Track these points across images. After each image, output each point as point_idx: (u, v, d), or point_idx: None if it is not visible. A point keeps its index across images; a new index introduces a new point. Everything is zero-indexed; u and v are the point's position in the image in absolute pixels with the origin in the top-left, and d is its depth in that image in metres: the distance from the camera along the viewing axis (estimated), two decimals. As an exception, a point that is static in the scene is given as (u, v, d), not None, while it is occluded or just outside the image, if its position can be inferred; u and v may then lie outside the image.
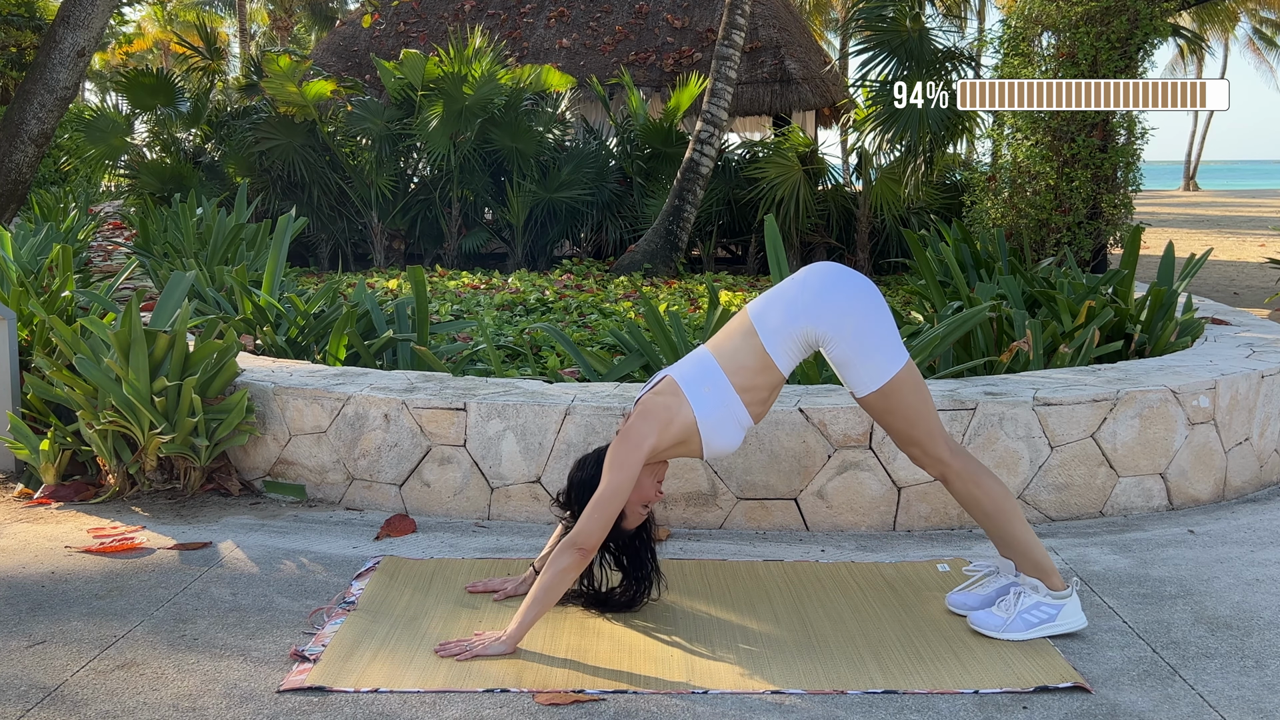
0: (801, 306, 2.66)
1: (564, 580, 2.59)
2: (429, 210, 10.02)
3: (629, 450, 2.60)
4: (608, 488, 2.58)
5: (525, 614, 2.59)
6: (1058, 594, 2.68)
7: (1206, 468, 3.82)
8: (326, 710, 2.30)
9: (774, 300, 2.72)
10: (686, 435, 2.66)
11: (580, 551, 2.57)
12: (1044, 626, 2.66)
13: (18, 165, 8.02)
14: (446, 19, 13.61)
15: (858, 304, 2.65)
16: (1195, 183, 48.03)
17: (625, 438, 2.62)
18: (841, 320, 2.63)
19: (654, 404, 2.66)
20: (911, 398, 2.65)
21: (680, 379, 2.69)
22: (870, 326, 2.64)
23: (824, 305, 2.65)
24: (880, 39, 8.45)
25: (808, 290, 2.68)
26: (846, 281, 2.69)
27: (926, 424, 2.67)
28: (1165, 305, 4.84)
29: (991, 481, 2.70)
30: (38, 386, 3.87)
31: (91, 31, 7.86)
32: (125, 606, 2.86)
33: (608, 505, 2.57)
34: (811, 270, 2.74)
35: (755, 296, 7.09)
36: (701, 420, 2.65)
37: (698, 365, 2.72)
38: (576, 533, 2.57)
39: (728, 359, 2.69)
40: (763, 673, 2.49)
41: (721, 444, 2.70)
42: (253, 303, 4.79)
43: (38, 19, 14.33)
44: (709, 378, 2.68)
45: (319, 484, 3.80)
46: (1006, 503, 2.70)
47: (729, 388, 2.66)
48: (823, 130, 14.01)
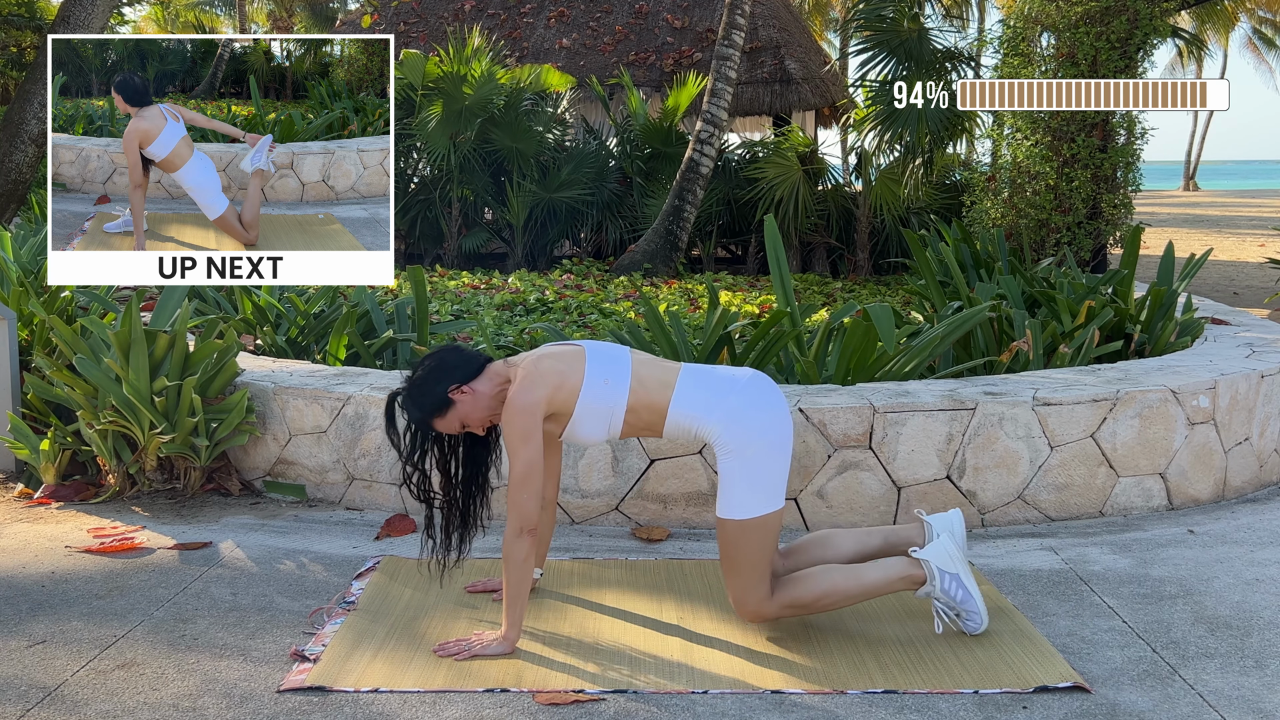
0: (726, 407, 2.62)
1: (527, 569, 2.58)
2: (429, 210, 10.02)
3: (527, 418, 2.56)
4: (522, 463, 2.55)
5: (510, 613, 2.59)
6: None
7: (1206, 468, 3.82)
8: (326, 710, 2.31)
9: (708, 378, 2.68)
10: (564, 407, 2.62)
11: (528, 534, 2.56)
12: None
13: (18, 165, 8.02)
14: (446, 19, 13.60)
15: (774, 434, 2.63)
16: (1195, 183, 48.01)
17: (521, 408, 2.56)
18: (750, 440, 2.60)
19: (545, 368, 2.61)
20: (760, 544, 2.61)
21: (590, 354, 2.66)
22: (772, 460, 2.62)
23: (746, 418, 2.61)
24: (880, 39, 8.46)
25: (740, 394, 2.64)
26: (778, 408, 2.66)
27: (761, 572, 2.64)
28: (1165, 305, 4.84)
29: (806, 586, 2.65)
30: (38, 386, 3.87)
31: (91, 32, 7.86)
32: (125, 606, 2.86)
33: (530, 480, 2.55)
34: (755, 378, 2.70)
35: (756, 298, 7.13)
36: (583, 401, 2.61)
37: (613, 358, 2.68)
38: (520, 518, 2.55)
39: (638, 376, 2.65)
40: (763, 673, 2.49)
41: (586, 432, 2.67)
42: (253, 303, 4.79)
43: (38, 19, 14.32)
44: (615, 373, 2.64)
45: (319, 484, 3.80)
46: (827, 583, 2.65)
47: (624, 394, 2.63)
48: (823, 130, 13.99)
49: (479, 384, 2.64)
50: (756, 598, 2.64)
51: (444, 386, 2.62)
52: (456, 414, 2.64)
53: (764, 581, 2.64)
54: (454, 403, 2.62)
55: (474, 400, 2.63)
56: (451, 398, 2.62)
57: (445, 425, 2.66)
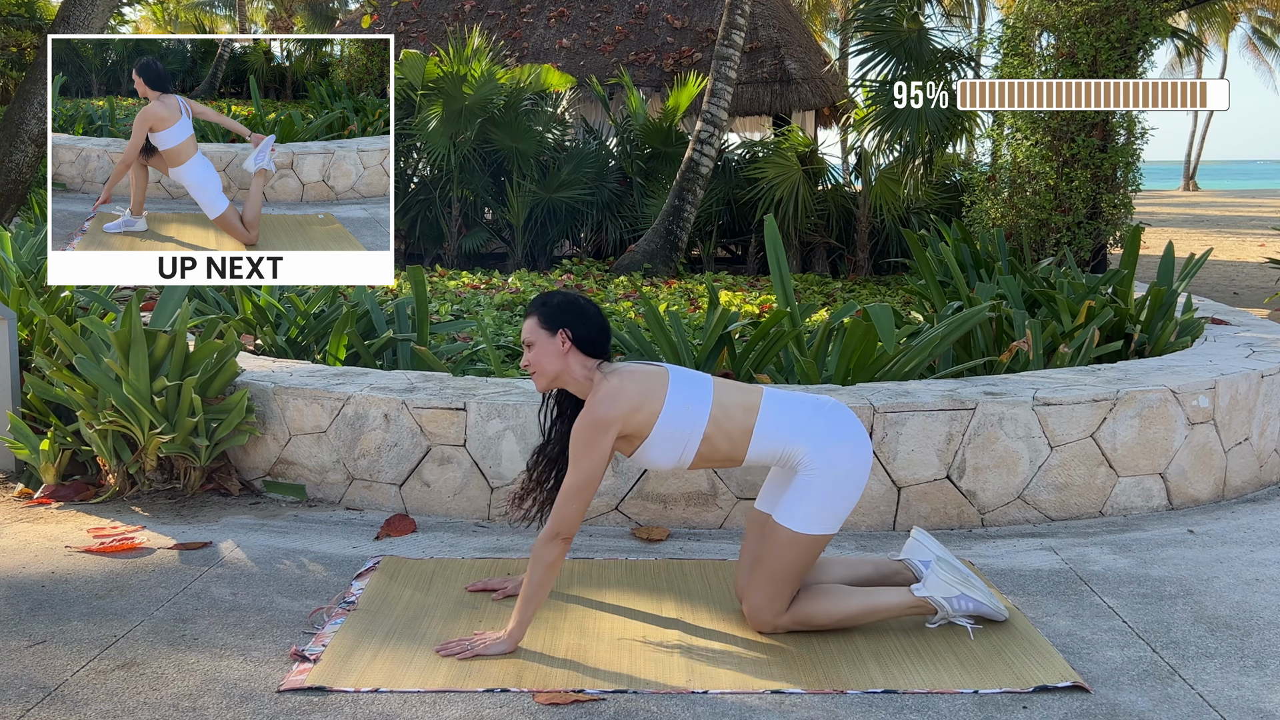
0: (814, 430, 2.64)
1: (551, 574, 2.58)
2: (429, 210, 10.02)
3: (597, 432, 2.56)
4: (581, 475, 2.55)
5: (521, 612, 2.59)
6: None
7: (1206, 467, 3.82)
8: (326, 710, 2.31)
9: (793, 401, 2.70)
10: (640, 429, 2.61)
11: (564, 541, 2.57)
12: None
13: (18, 165, 8.03)
14: (446, 19, 13.60)
15: (859, 466, 2.66)
16: (1195, 183, 48.01)
17: (595, 421, 2.56)
18: (835, 465, 2.62)
19: (629, 388, 2.60)
20: (800, 558, 2.64)
21: (674, 377, 2.66)
22: (850, 490, 2.65)
23: (837, 443, 2.64)
24: (880, 39, 8.46)
25: (828, 420, 2.67)
26: (864, 441, 2.69)
27: (791, 586, 2.66)
28: (1165, 305, 4.84)
29: (821, 606, 2.67)
30: (38, 386, 3.87)
31: (91, 32, 7.86)
32: (125, 606, 2.86)
33: (583, 492, 2.56)
34: (841, 407, 2.73)
35: (756, 298, 7.13)
36: (660, 425, 2.60)
37: (696, 383, 2.68)
38: (560, 524, 2.56)
39: (720, 403, 2.65)
40: (763, 672, 2.49)
41: (656, 456, 2.66)
42: (253, 303, 4.79)
43: (38, 19, 14.33)
44: (697, 398, 2.64)
45: (319, 484, 3.80)
46: (843, 610, 2.68)
47: (703, 421, 2.62)
48: (823, 130, 14.00)
49: (578, 354, 2.65)
50: (775, 609, 2.66)
51: (563, 319, 2.64)
52: (544, 344, 2.64)
53: (789, 595, 2.66)
54: (553, 336, 2.64)
55: (557, 356, 2.65)
56: (556, 333, 2.64)
57: (530, 333, 2.66)
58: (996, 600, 2.73)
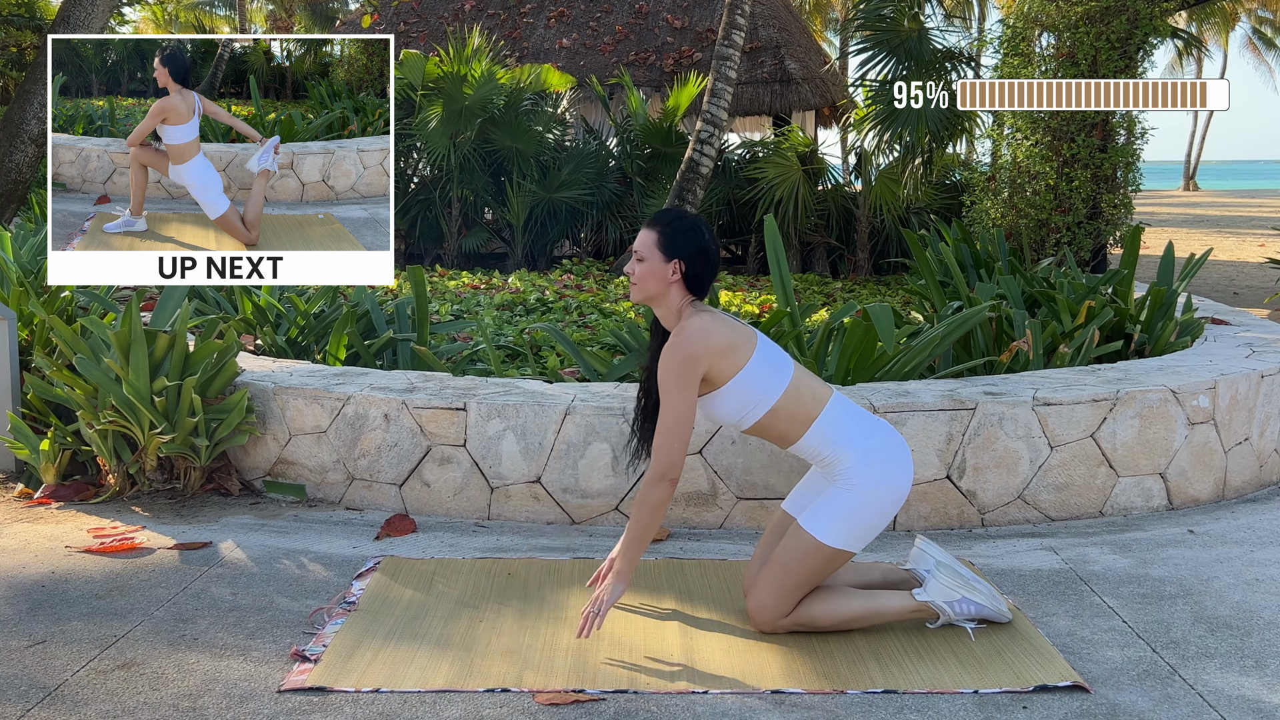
0: (868, 445, 2.65)
1: (658, 515, 2.60)
2: (429, 210, 10.01)
3: (688, 366, 2.56)
4: (675, 411, 2.56)
5: (629, 552, 2.62)
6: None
7: (1206, 467, 3.82)
8: (327, 710, 2.31)
9: (857, 411, 2.72)
10: (719, 375, 2.60)
11: (670, 482, 2.58)
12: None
13: (18, 165, 8.03)
14: (446, 19, 13.60)
15: (897, 492, 2.67)
16: (1195, 183, 48.03)
17: (685, 355, 2.56)
18: (875, 484, 2.63)
19: (720, 330, 2.61)
20: (817, 567, 2.64)
21: (762, 341, 2.67)
22: (882, 512, 2.66)
23: (883, 464, 2.65)
24: (880, 39, 8.46)
25: (883, 440, 2.68)
26: (908, 470, 2.70)
27: (801, 591, 2.66)
28: (1165, 305, 4.84)
29: (824, 609, 2.68)
30: (38, 386, 3.87)
31: (91, 32, 7.86)
32: (125, 606, 2.86)
33: (678, 428, 2.57)
34: (895, 432, 2.74)
35: (756, 298, 7.12)
36: (740, 379, 2.60)
37: (781, 355, 2.69)
38: (664, 464, 2.57)
39: (796, 382, 2.66)
40: (763, 672, 2.49)
41: (722, 407, 2.65)
42: (253, 303, 4.79)
43: (38, 19, 14.33)
44: (778, 371, 2.64)
45: (319, 484, 3.80)
46: (845, 613, 2.69)
47: (778, 391, 2.63)
48: (823, 130, 14.00)
49: (681, 287, 2.67)
50: (780, 610, 2.66)
51: (682, 249, 2.64)
52: (655, 265, 2.65)
53: (796, 600, 2.67)
54: (666, 262, 2.64)
55: (663, 281, 2.66)
56: (671, 260, 2.64)
57: (644, 249, 2.67)
58: (999, 602, 2.73)
